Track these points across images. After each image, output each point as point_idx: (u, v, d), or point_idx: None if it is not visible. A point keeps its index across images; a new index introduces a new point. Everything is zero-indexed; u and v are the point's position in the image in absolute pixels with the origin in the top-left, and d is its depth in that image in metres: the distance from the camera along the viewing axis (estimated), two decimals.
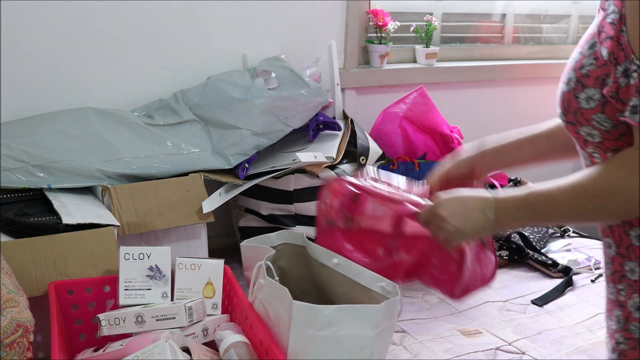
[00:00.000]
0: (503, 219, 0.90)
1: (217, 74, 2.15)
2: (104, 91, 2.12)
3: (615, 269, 0.87)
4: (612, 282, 0.88)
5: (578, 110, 0.81)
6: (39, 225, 1.56)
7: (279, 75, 2.12)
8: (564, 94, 0.84)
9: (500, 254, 2.45)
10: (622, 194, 0.76)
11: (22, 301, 1.25)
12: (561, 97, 0.84)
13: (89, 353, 1.30)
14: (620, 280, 0.86)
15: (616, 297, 0.87)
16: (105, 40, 2.08)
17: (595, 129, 0.80)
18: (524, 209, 0.87)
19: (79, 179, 1.81)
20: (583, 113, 0.80)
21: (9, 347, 1.17)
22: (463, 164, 1.12)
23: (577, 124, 0.82)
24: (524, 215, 0.88)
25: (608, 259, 0.89)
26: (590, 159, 0.87)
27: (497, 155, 1.10)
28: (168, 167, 1.92)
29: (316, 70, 2.30)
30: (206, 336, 1.34)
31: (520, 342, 1.82)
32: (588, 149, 0.84)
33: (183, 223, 1.83)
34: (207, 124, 2.06)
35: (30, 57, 1.99)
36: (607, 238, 0.88)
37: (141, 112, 2.10)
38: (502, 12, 3.02)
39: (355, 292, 1.25)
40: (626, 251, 0.84)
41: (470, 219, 0.92)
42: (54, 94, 2.04)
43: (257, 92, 2.04)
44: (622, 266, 0.85)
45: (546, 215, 0.86)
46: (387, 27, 2.50)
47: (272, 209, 2.12)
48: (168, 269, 1.44)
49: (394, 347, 1.75)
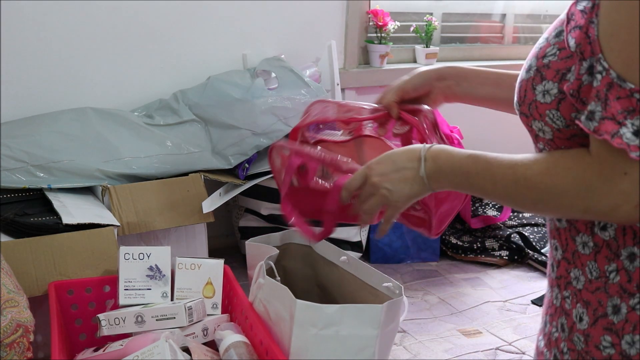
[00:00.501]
0: (436, 177, 0.81)
1: (217, 74, 2.15)
2: (104, 91, 2.12)
3: (560, 274, 0.81)
4: (557, 286, 0.82)
5: (533, 103, 0.75)
6: (39, 225, 1.56)
7: (279, 75, 2.12)
8: (522, 82, 0.76)
9: (500, 254, 2.45)
10: (565, 197, 0.70)
11: (22, 301, 1.25)
12: (519, 85, 0.77)
13: (89, 353, 1.30)
14: (566, 287, 0.80)
15: (561, 303, 0.81)
16: (105, 40, 2.08)
17: (547, 125, 0.74)
18: (460, 175, 0.79)
19: (79, 179, 1.81)
20: (537, 107, 0.74)
21: (9, 347, 1.17)
22: (420, 80, 1.01)
23: (530, 117, 0.76)
24: (459, 181, 0.80)
25: (554, 261, 0.83)
26: (540, 152, 0.80)
27: (457, 80, 1.00)
28: (168, 167, 1.92)
29: (316, 70, 2.30)
30: (206, 336, 1.34)
31: (520, 342, 1.82)
32: (539, 144, 0.78)
33: (183, 223, 1.83)
34: (207, 124, 2.06)
35: (30, 57, 1.99)
36: (554, 240, 0.82)
37: (141, 112, 2.10)
38: (502, 12, 3.02)
39: (362, 291, 1.25)
40: (572, 257, 0.79)
41: (403, 177, 0.83)
42: (54, 94, 2.04)
43: (257, 92, 2.04)
44: (568, 272, 0.80)
45: (483, 190, 0.78)
46: (387, 27, 2.50)
47: (272, 209, 2.12)
48: (168, 269, 1.44)
49: (394, 347, 1.75)
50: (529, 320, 1.94)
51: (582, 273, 0.77)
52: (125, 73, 2.14)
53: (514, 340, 1.82)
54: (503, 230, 2.56)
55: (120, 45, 2.11)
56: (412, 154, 0.83)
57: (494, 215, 2.59)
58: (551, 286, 0.84)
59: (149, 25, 2.14)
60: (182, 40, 2.20)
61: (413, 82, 1.02)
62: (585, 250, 0.77)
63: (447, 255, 2.46)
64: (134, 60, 2.15)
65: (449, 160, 0.81)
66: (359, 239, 2.24)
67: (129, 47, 2.13)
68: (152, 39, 2.16)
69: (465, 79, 1.00)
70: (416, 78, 1.02)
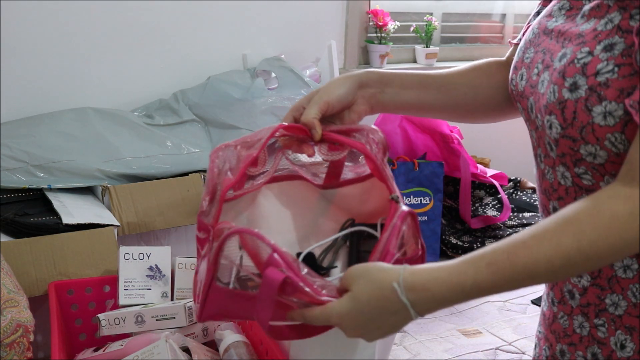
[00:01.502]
0: (430, 308, 0.70)
1: (217, 74, 2.15)
2: (104, 91, 2.12)
3: (588, 301, 0.77)
4: (582, 314, 0.78)
5: (588, 126, 0.66)
6: (39, 225, 1.56)
7: (279, 75, 2.12)
8: (565, 103, 0.68)
9: None
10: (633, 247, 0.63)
11: (22, 301, 1.25)
12: (559, 105, 0.69)
13: (89, 353, 1.30)
14: (598, 314, 0.76)
15: (590, 332, 0.77)
16: (106, 40, 2.08)
17: (604, 149, 0.67)
18: (487, 289, 0.67)
19: (79, 179, 1.81)
20: (595, 130, 0.66)
21: (9, 347, 1.17)
22: (344, 90, 0.83)
23: (580, 141, 0.68)
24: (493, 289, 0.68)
25: (576, 289, 0.78)
26: (573, 179, 0.73)
27: (381, 86, 0.86)
28: (168, 167, 1.92)
29: (316, 70, 2.30)
30: (206, 336, 1.34)
31: (520, 342, 1.82)
32: (577, 168, 0.71)
33: (183, 223, 1.83)
34: (207, 124, 2.06)
35: (30, 57, 1.99)
36: None
37: (141, 112, 2.10)
38: (502, 12, 3.02)
39: None
40: (607, 283, 0.74)
41: (383, 326, 0.70)
42: (54, 94, 2.04)
43: (257, 92, 2.04)
44: (601, 299, 0.75)
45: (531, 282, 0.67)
46: (387, 27, 2.50)
47: None
48: (168, 269, 1.44)
49: (394, 347, 1.75)
50: (529, 320, 1.94)
51: (622, 298, 0.73)
52: (125, 73, 2.14)
53: (514, 340, 1.82)
54: (503, 230, 2.56)
55: (121, 45, 2.11)
56: (385, 297, 0.67)
57: (494, 215, 2.59)
58: (569, 315, 0.80)
59: (149, 25, 2.14)
60: (182, 40, 2.20)
61: (337, 92, 0.83)
62: (627, 274, 0.73)
63: (447, 255, 2.46)
64: (134, 60, 2.15)
65: (444, 283, 0.67)
66: None
67: (129, 47, 2.13)
68: (152, 39, 2.16)
69: (389, 84, 0.87)
70: (338, 87, 0.83)
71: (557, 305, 0.83)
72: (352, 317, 0.69)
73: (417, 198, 2.36)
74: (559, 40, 0.74)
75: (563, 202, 0.77)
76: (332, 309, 0.70)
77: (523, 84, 0.79)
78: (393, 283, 0.67)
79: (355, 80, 0.85)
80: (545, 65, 0.75)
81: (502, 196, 2.59)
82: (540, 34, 0.79)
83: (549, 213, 0.80)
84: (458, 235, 2.53)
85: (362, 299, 0.68)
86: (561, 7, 0.78)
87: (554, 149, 0.73)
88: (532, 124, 0.79)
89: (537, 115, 0.76)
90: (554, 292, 0.84)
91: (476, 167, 2.61)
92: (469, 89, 0.90)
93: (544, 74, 0.74)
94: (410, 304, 0.67)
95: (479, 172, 2.61)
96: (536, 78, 0.76)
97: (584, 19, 0.72)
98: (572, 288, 0.79)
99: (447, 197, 2.62)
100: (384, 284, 0.68)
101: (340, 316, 0.69)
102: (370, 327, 0.70)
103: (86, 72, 2.08)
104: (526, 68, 0.80)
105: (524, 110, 0.80)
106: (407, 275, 0.68)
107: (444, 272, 0.68)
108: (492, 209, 2.67)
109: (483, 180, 2.61)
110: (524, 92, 0.79)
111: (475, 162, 2.62)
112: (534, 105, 0.76)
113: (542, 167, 0.79)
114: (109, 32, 2.08)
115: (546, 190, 0.79)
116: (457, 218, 2.62)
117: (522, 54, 0.82)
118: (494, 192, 2.66)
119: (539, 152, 0.79)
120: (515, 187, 2.84)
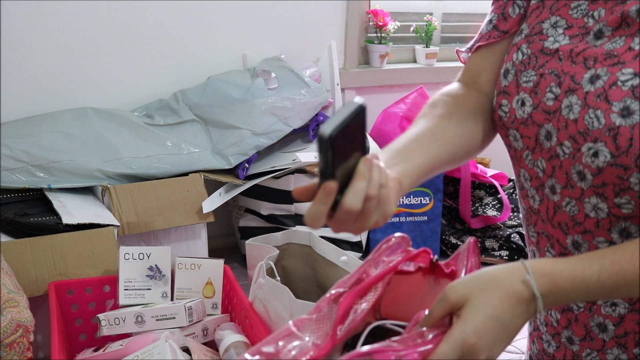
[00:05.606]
0: (554, 302, 0.62)
1: (217, 74, 2.15)
2: (104, 91, 2.12)
3: (628, 329, 0.72)
4: (619, 345, 0.73)
5: None
6: (39, 225, 1.56)
7: (279, 75, 2.12)
8: (618, 129, 0.63)
9: (501, 254, 2.45)
10: None
11: (22, 301, 1.25)
12: (609, 132, 0.63)
13: (89, 353, 1.30)
14: (638, 343, 0.71)
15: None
16: (106, 40, 2.09)
17: None
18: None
19: (79, 179, 1.81)
20: None
21: (9, 347, 1.17)
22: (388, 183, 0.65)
23: (634, 169, 0.63)
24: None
25: (609, 319, 0.73)
26: (610, 210, 0.67)
27: (397, 167, 0.69)
28: (168, 167, 1.92)
29: (316, 70, 2.30)
30: (206, 336, 1.33)
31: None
32: (618, 198, 0.66)
33: (183, 223, 1.83)
34: (207, 124, 2.06)
35: (30, 57, 1.99)
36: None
37: (141, 112, 2.11)
38: None
39: None
40: None
41: (512, 332, 0.63)
42: (54, 94, 2.04)
43: (257, 92, 2.04)
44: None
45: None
46: (387, 27, 2.50)
47: (272, 209, 2.12)
48: (168, 269, 1.44)
49: None
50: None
51: None
52: (125, 73, 2.14)
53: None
54: (503, 230, 2.56)
55: (121, 45, 2.11)
56: (513, 293, 0.60)
57: (493, 215, 2.59)
58: (607, 348, 0.75)
59: (149, 26, 2.14)
60: (182, 40, 2.21)
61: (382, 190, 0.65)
62: None
63: (447, 255, 2.46)
64: (134, 60, 2.15)
65: (569, 278, 0.61)
66: (358, 238, 2.24)
67: (129, 47, 2.13)
68: (152, 39, 2.16)
69: (398, 156, 0.71)
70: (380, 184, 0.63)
71: (580, 343, 0.77)
72: (488, 328, 0.59)
73: (417, 198, 2.36)
74: (575, 62, 0.68)
75: (591, 236, 0.70)
76: (456, 334, 0.59)
77: (527, 110, 0.72)
78: (525, 275, 0.60)
79: (394, 186, 0.68)
80: (568, 89, 0.68)
81: (502, 196, 2.59)
82: (539, 55, 0.72)
83: (563, 248, 0.74)
84: (458, 235, 2.53)
85: (489, 303, 0.59)
86: (555, 25, 0.72)
87: (588, 179, 0.67)
88: (544, 153, 0.71)
89: (561, 143, 0.68)
90: (571, 331, 0.78)
91: (476, 167, 2.61)
92: (457, 147, 0.79)
93: (570, 98, 0.67)
94: (542, 296, 0.60)
95: (479, 172, 2.61)
96: (554, 103, 0.69)
97: (604, 39, 0.67)
98: (599, 322, 0.74)
99: (447, 197, 2.62)
100: (512, 279, 0.60)
101: (476, 332, 0.59)
102: (501, 336, 0.62)
103: (86, 72, 2.08)
104: (529, 92, 0.72)
105: (528, 138, 0.73)
106: (533, 267, 0.60)
107: (568, 265, 0.61)
108: (492, 209, 2.67)
109: (483, 180, 2.61)
110: (529, 119, 0.72)
111: (475, 162, 2.62)
112: (555, 132, 0.69)
113: (555, 200, 0.72)
114: (108, 33, 2.08)
115: (561, 223, 0.73)
116: (457, 218, 2.62)
117: (515, 77, 0.74)
118: (494, 192, 2.66)
119: (551, 183, 0.72)
120: (515, 187, 2.85)
